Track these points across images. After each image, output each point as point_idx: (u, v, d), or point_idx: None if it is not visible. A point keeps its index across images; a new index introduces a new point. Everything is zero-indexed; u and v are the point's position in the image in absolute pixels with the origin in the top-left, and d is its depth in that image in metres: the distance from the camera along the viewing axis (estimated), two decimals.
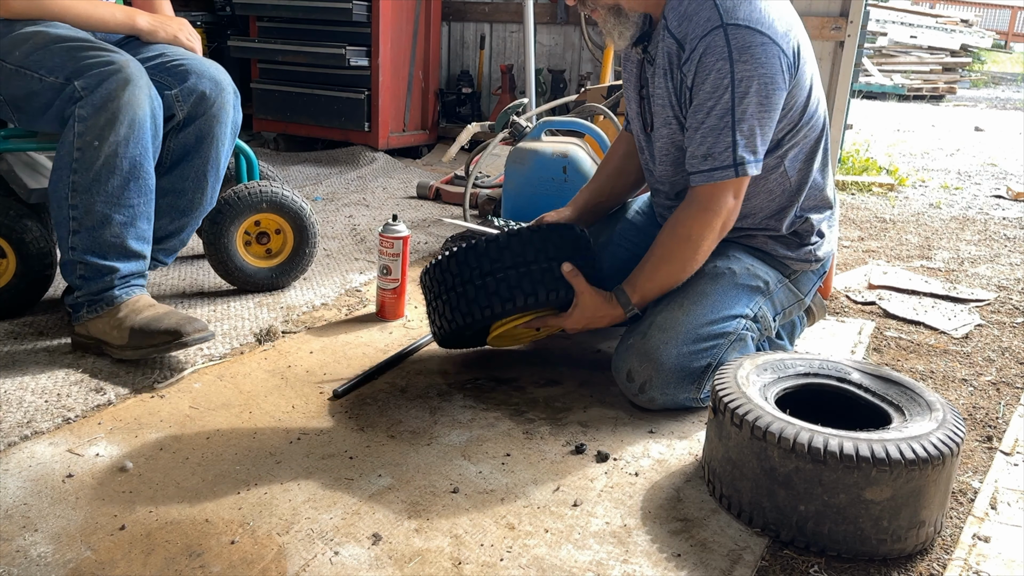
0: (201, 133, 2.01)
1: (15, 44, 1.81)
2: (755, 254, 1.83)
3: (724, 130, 1.59)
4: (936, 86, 11.23)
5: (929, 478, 1.25)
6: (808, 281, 1.90)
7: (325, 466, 1.48)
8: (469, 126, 3.22)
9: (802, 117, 1.70)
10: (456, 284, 1.70)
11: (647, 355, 1.66)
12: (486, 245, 1.67)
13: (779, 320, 1.87)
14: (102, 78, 1.74)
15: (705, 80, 1.58)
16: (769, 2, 1.61)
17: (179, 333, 1.77)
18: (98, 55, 1.78)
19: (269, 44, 4.57)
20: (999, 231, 3.73)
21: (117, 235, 1.80)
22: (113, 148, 1.75)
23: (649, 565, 1.25)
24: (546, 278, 1.68)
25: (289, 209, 2.32)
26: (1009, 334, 2.38)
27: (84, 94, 1.74)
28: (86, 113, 1.74)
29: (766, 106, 1.59)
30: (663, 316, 1.69)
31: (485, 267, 1.67)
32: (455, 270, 1.70)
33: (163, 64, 1.97)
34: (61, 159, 1.77)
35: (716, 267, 1.76)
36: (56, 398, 1.67)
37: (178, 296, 2.31)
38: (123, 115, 1.75)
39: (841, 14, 3.79)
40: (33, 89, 1.80)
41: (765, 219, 1.81)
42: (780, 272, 1.84)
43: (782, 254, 1.83)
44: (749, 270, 1.78)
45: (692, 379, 1.68)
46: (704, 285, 1.73)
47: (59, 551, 1.22)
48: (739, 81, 1.56)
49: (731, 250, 1.79)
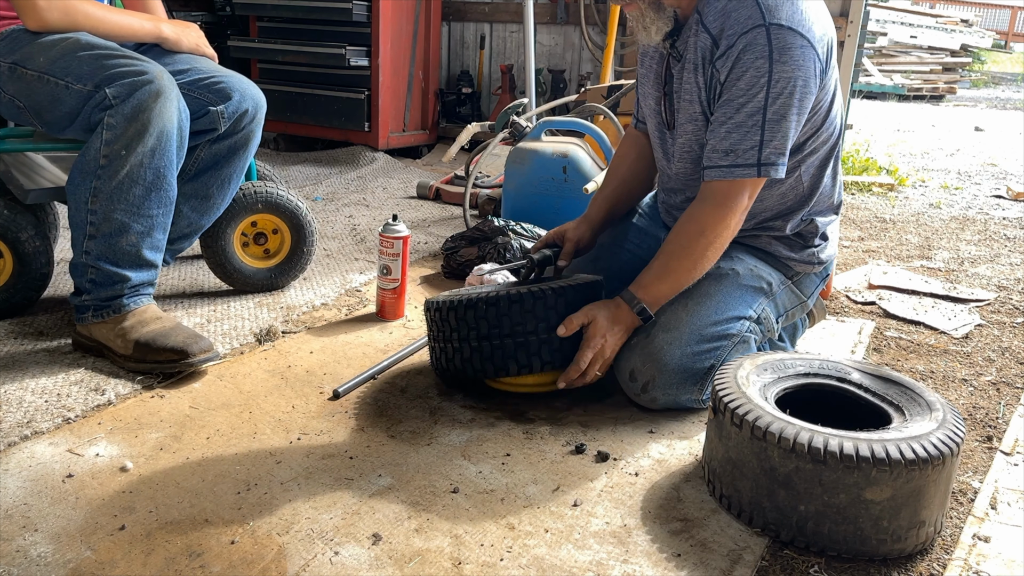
0: (236, 145, 2.08)
1: (40, 51, 1.80)
2: (757, 255, 1.83)
3: (753, 128, 1.58)
4: (936, 86, 11.23)
5: (929, 478, 1.25)
6: (811, 283, 1.90)
7: (325, 466, 1.48)
8: (469, 126, 3.22)
9: (824, 121, 1.70)
10: (471, 337, 1.66)
11: (651, 355, 1.66)
12: (509, 305, 1.63)
13: (782, 322, 1.87)
14: (134, 88, 1.73)
15: (741, 77, 1.57)
16: (808, 2, 1.60)
17: (185, 352, 1.77)
18: (129, 63, 1.77)
19: (269, 44, 4.57)
20: (999, 231, 3.73)
21: (133, 244, 1.80)
22: (139, 159, 1.75)
23: (649, 565, 1.25)
24: (564, 346, 1.66)
25: (285, 208, 2.32)
26: (1009, 334, 2.38)
27: (115, 102, 1.73)
28: (116, 122, 1.73)
29: (798, 108, 1.59)
30: (667, 316, 1.69)
31: (505, 328, 1.64)
32: (471, 322, 1.65)
33: (200, 81, 1.98)
34: (85, 164, 1.76)
35: (720, 268, 1.75)
36: (56, 398, 1.67)
37: (178, 296, 2.31)
38: (153, 127, 1.75)
39: (841, 14, 3.79)
40: (58, 96, 1.79)
41: (771, 220, 1.81)
42: (783, 273, 1.84)
43: (785, 255, 1.83)
44: (752, 271, 1.78)
45: (695, 380, 1.67)
46: (708, 286, 1.72)
47: (59, 551, 1.22)
48: (775, 82, 1.55)
49: (734, 251, 1.78)
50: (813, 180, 1.77)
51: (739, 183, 1.61)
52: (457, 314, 1.66)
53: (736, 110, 1.58)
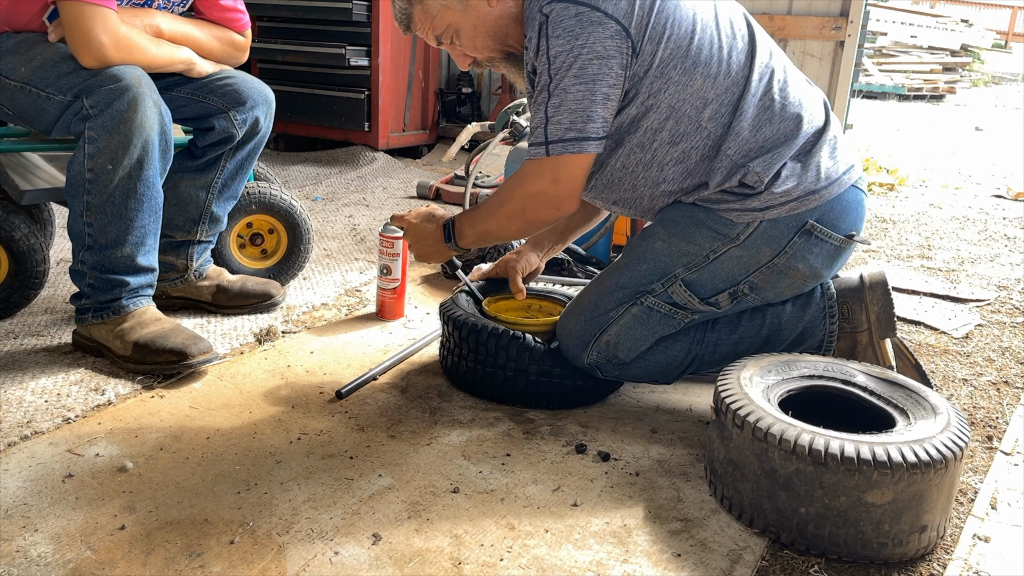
0: (254, 147, 2.11)
1: (22, 61, 1.79)
2: (694, 218, 1.66)
3: (539, 107, 1.56)
4: (936, 86, 11.23)
5: (931, 482, 1.25)
6: (785, 226, 1.61)
7: (325, 466, 1.48)
8: (469, 126, 3.22)
9: (686, 72, 1.57)
10: (488, 364, 1.73)
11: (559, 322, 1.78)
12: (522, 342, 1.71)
13: (743, 288, 1.67)
14: (112, 97, 1.70)
15: (535, 61, 1.56)
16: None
17: (184, 354, 1.77)
18: (105, 71, 1.74)
19: (269, 44, 4.57)
20: (999, 231, 3.73)
21: (128, 255, 1.80)
22: (127, 171, 1.74)
23: (649, 565, 1.25)
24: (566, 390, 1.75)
25: (279, 208, 2.32)
26: (1009, 334, 2.38)
27: (93, 113, 1.70)
28: (96, 135, 1.71)
29: (584, 78, 1.51)
30: (582, 291, 1.77)
31: (521, 365, 1.71)
32: (491, 350, 1.72)
33: (207, 84, 1.98)
34: (74, 178, 1.75)
35: (642, 243, 1.71)
36: (56, 398, 1.67)
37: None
38: (136, 138, 1.72)
39: (841, 14, 3.78)
40: (41, 107, 1.77)
41: (684, 186, 1.66)
42: (727, 235, 1.63)
43: (724, 208, 1.63)
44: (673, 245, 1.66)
45: (582, 345, 1.71)
46: (622, 259, 1.73)
47: (59, 551, 1.21)
48: (553, 57, 1.51)
49: (668, 214, 1.69)
50: (718, 132, 1.60)
51: (533, 164, 1.59)
52: (499, 343, 1.73)
53: (537, 93, 1.58)
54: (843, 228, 1.65)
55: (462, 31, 1.65)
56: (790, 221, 1.61)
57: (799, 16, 3.87)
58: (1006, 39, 20.20)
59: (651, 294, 1.68)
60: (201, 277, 2.17)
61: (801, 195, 1.60)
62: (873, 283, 1.74)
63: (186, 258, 2.13)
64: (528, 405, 1.74)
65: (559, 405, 1.75)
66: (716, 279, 1.66)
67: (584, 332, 1.70)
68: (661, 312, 1.68)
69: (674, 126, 1.60)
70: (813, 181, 1.61)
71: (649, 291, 1.68)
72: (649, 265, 1.68)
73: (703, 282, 1.66)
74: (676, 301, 1.68)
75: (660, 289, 1.67)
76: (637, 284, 1.68)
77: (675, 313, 1.69)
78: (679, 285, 1.66)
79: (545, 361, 1.71)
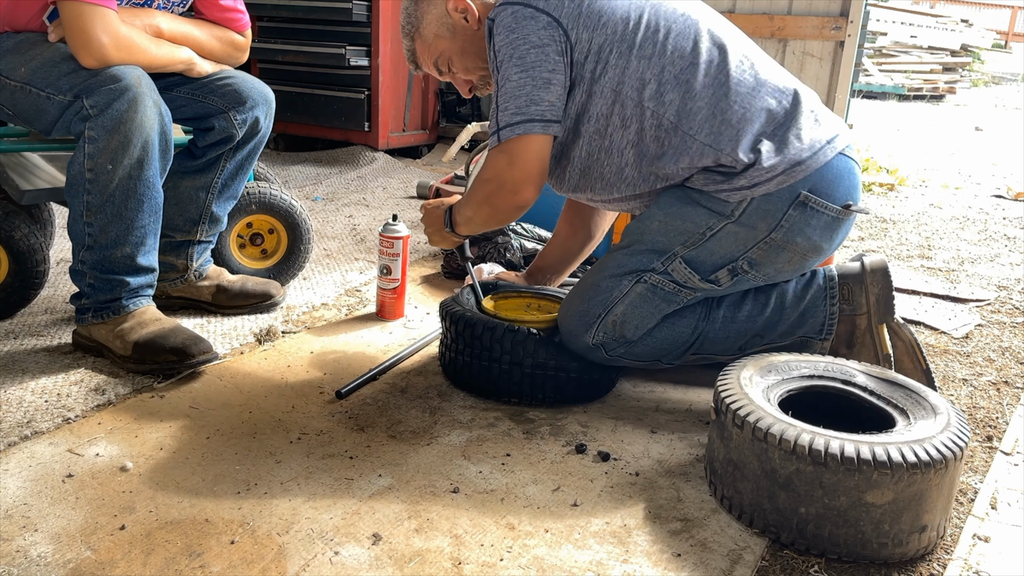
0: (254, 147, 2.11)
1: (22, 61, 1.78)
2: (688, 197, 1.68)
3: (493, 102, 1.67)
4: (936, 86, 11.23)
5: (932, 482, 1.25)
6: (779, 200, 1.62)
7: (325, 466, 1.48)
8: (469, 126, 3.22)
9: (622, 55, 1.63)
10: (484, 358, 1.74)
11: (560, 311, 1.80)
12: (526, 337, 1.72)
13: (743, 265, 1.68)
14: (111, 97, 1.69)
15: (493, 65, 1.68)
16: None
17: (185, 354, 1.77)
18: (105, 70, 1.73)
19: (269, 44, 4.57)
20: (999, 231, 3.73)
21: (128, 255, 1.80)
22: (127, 171, 1.73)
23: (649, 565, 1.25)
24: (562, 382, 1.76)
25: (278, 208, 2.33)
26: (1009, 334, 2.38)
27: (93, 113, 1.70)
28: (96, 135, 1.70)
29: (523, 66, 1.61)
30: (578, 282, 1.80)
31: (516, 357, 1.72)
32: (487, 343, 1.73)
33: (207, 84, 1.98)
34: (74, 178, 1.75)
35: (639, 226, 1.73)
36: (56, 398, 1.67)
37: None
38: (136, 138, 1.72)
39: (841, 14, 3.79)
40: (41, 107, 1.77)
41: (652, 170, 1.68)
42: (720, 213, 1.65)
43: (713, 189, 1.65)
44: (668, 224, 1.68)
45: (584, 327, 1.72)
46: (620, 243, 1.76)
47: (59, 551, 1.21)
48: (498, 50, 1.63)
49: (662, 197, 1.71)
50: (666, 112, 1.63)
51: (495, 151, 1.66)
52: (495, 338, 1.74)
53: (494, 89, 1.68)
54: (838, 198, 1.66)
55: (453, 57, 1.78)
56: (783, 194, 1.63)
57: (799, 16, 3.87)
58: (1006, 39, 20.20)
59: (653, 271, 1.70)
60: (201, 277, 2.17)
61: (787, 167, 1.62)
62: (874, 268, 1.77)
63: (186, 258, 2.13)
64: (524, 398, 1.74)
65: (555, 398, 1.75)
66: (715, 256, 1.68)
67: (587, 312, 1.71)
68: (665, 290, 1.70)
69: (621, 110, 1.66)
70: (797, 151, 1.63)
71: (651, 269, 1.70)
72: (647, 245, 1.71)
73: (702, 259, 1.68)
74: (677, 279, 1.70)
75: (661, 267, 1.69)
76: (637, 263, 1.71)
77: (678, 292, 1.71)
78: (679, 262, 1.69)
79: (539, 353, 1.72)
